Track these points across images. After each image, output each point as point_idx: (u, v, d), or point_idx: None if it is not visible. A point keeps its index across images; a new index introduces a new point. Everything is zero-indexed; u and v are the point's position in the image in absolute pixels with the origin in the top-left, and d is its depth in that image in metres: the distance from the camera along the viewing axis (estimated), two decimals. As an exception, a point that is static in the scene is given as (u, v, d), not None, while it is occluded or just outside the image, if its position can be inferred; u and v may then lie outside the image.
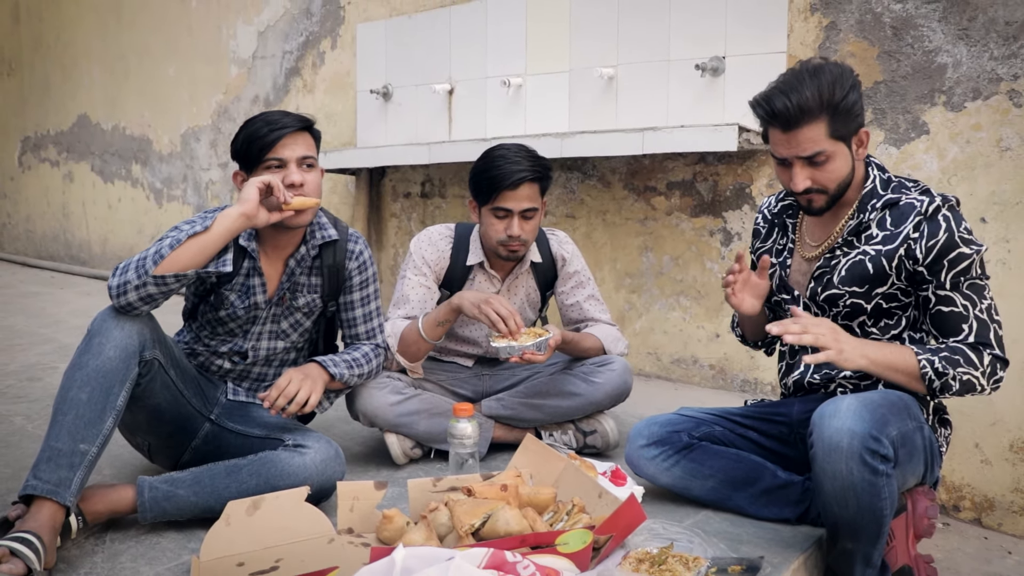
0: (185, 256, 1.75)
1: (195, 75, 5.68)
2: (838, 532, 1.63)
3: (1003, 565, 2.33)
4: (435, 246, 2.38)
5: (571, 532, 1.58)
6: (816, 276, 1.86)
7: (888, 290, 1.76)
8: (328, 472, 1.90)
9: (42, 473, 1.62)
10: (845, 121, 1.71)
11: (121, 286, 1.73)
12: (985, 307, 1.69)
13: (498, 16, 3.76)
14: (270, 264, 2.06)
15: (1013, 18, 2.40)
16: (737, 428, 2.00)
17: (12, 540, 1.49)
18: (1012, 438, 2.48)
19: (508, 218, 2.22)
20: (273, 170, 1.93)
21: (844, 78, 1.70)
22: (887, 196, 1.77)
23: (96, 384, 1.70)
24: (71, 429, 1.66)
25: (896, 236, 1.73)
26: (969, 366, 1.64)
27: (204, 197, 5.71)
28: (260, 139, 1.92)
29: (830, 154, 1.73)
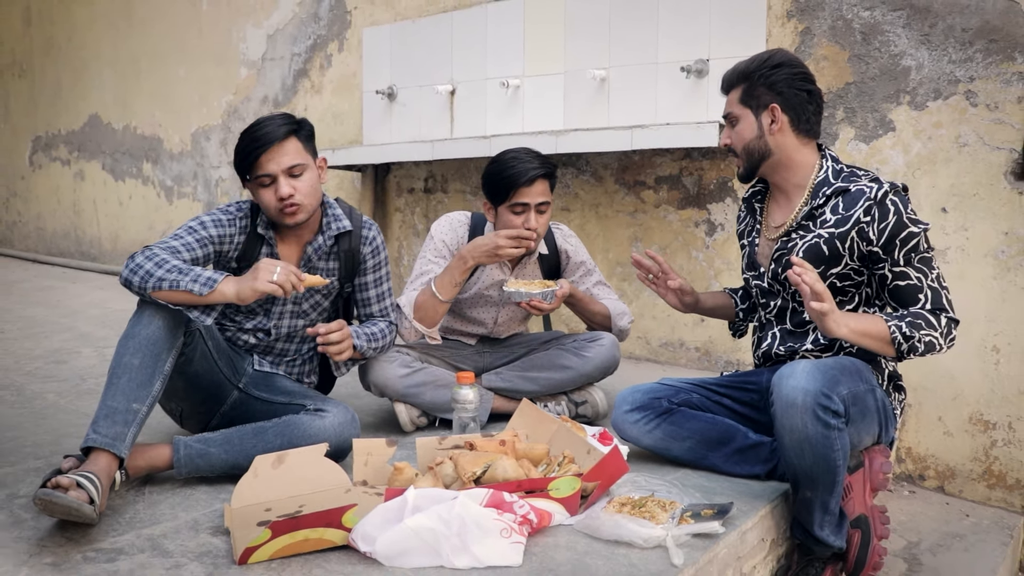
0: (178, 299, 1.93)
1: (205, 76, 5.89)
2: (798, 482, 1.84)
3: (961, 526, 2.55)
4: (455, 231, 2.59)
5: (562, 479, 1.79)
6: (775, 258, 2.07)
7: (842, 270, 1.97)
8: (344, 434, 2.10)
9: (100, 428, 1.81)
10: (754, 93, 2.00)
11: (126, 283, 1.94)
12: (935, 276, 1.90)
13: (497, 21, 3.98)
14: (287, 248, 2.27)
15: (969, 25, 2.62)
16: (712, 395, 2.21)
17: (78, 475, 1.69)
18: (971, 411, 2.69)
19: (525, 212, 2.41)
20: (266, 185, 2.11)
21: (774, 60, 1.99)
22: (837, 184, 1.98)
23: (147, 351, 1.90)
24: (125, 390, 1.86)
25: (848, 219, 1.93)
26: (930, 328, 1.84)
27: (214, 194, 5.92)
28: (246, 157, 2.10)
29: (737, 116, 2.04)
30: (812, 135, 2.04)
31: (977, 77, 2.61)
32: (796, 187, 2.06)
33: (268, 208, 2.15)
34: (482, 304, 2.64)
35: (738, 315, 2.34)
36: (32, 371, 3.31)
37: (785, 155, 2.03)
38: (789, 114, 1.99)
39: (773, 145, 2.02)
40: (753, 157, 2.04)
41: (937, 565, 2.29)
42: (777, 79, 1.97)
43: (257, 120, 2.14)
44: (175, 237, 2.08)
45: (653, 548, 1.68)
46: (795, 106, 1.99)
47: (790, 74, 1.97)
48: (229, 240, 2.19)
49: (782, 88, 1.98)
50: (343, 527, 1.64)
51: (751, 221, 2.22)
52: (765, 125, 2.01)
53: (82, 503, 1.63)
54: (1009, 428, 2.62)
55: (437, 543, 1.59)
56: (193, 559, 1.62)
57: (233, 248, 2.20)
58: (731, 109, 2.06)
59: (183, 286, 1.90)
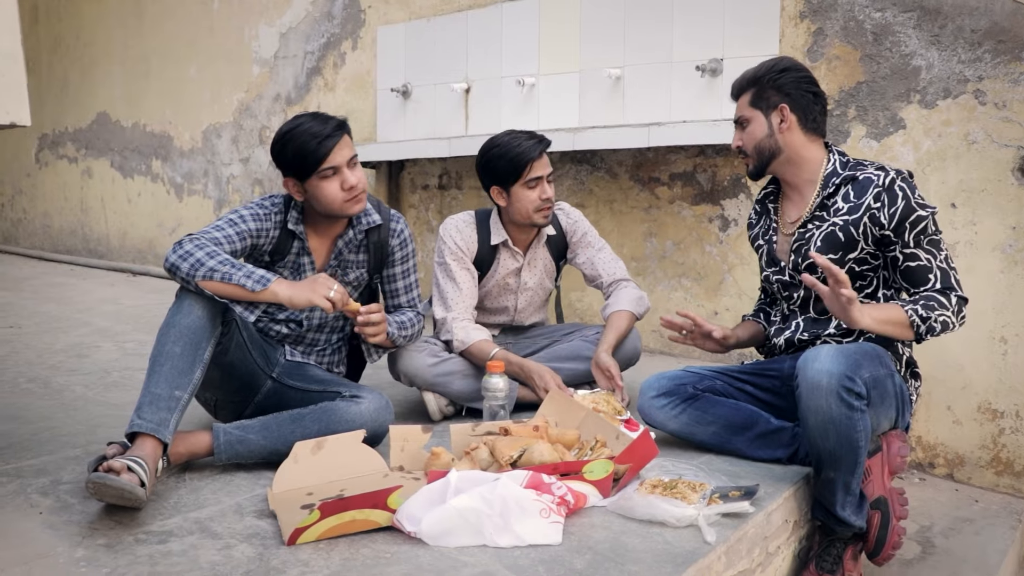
0: (226, 292, 1.98)
1: (217, 74, 5.95)
2: (821, 463, 1.91)
3: (970, 511, 2.62)
4: (463, 232, 2.67)
5: (595, 462, 1.86)
6: (795, 249, 2.16)
7: (859, 255, 2.06)
8: (380, 419, 2.17)
9: (145, 414, 1.87)
10: (763, 93, 2.12)
11: (173, 269, 1.98)
12: (943, 257, 2.00)
13: (512, 20, 4.05)
14: (319, 242, 2.33)
15: (978, 26, 2.69)
16: (735, 382, 2.29)
17: (128, 460, 1.75)
18: (980, 400, 2.77)
19: (539, 184, 2.53)
20: (329, 177, 2.15)
21: (781, 65, 2.12)
22: (845, 173, 2.09)
23: (187, 339, 1.96)
24: (167, 377, 1.92)
25: (859, 207, 2.03)
26: (942, 308, 1.93)
27: (225, 191, 5.98)
28: (312, 152, 2.12)
29: (748, 118, 2.16)
30: (819, 133, 2.16)
31: (986, 76, 2.69)
32: (807, 182, 2.16)
33: (333, 200, 2.18)
34: (502, 293, 2.73)
35: (768, 337, 2.41)
36: (55, 365, 3.37)
37: (794, 152, 2.13)
38: (797, 113, 2.11)
39: (783, 143, 2.13)
40: (764, 155, 2.16)
41: (949, 547, 2.37)
42: (785, 82, 2.10)
43: (300, 122, 2.17)
44: (217, 228, 2.14)
45: (686, 527, 1.75)
46: (803, 106, 2.11)
47: (797, 77, 2.10)
48: (266, 234, 2.25)
49: (790, 90, 2.10)
50: (388, 508, 1.71)
51: (767, 221, 2.30)
52: (775, 124, 2.12)
53: (134, 486, 1.69)
54: (1017, 416, 2.70)
55: (480, 522, 1.66)
56: (242, 540, 1.69)
57: (268, 242, 2.26)
58: (742, 112, 2.18)
59: (235, 280, 1.96)
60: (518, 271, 2.71)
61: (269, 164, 5.58)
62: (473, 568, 1.57)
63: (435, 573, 1.55)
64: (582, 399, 2.35)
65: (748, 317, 2.48)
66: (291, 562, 1.59)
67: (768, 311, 2.45)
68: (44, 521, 1.76)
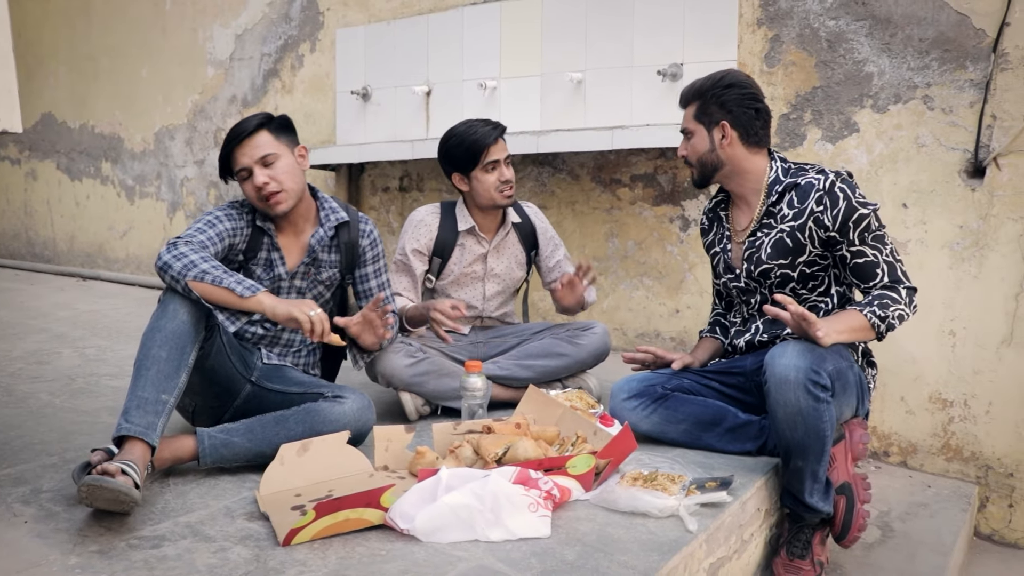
0: (214, 296, 2.01)
1: (170, 76, 5.87)
2: (790, 453, 2.00)
3: (924, 496, 2.76)
4: (423, 222, 2.76)
5: (578, 456, 1.93)
6: (747, 257, 2.26)
7: (808, 258, 2.17)
8: (363, 418, 2.20)
9: (133, 418, 1.88)
10: (707, 110, 2.21)
11: (165, 267, 2.01)
12: (889, 251, 2.11)
13: (474, 24, 4.09)
14: (287, 240, 2.39)
15: (925, 36, 2.83)
16: (702, 380, 2.38)
17: (120, 463, 1.76)
18: (931, 391, 2.91)
19: (498, 167, 2.64)
20: (247, 179, 2.26)
21: (726, 81, 2.19)
22: (787, 180, 2.19)
23: (173, 343, 1.97)
24: (154, 381, 1.93)
25: (803, 212, 2.14)
26: (895, 304, 2.04)
27: (179, 194, 5.91)
28: (225, 157, 2.27)
29: (692, 131, 2.26)
30: (761, 145, 2.26)
31: (933, 83, 2.83)
32: (752, 191, 2.27)
33: (253, 201, 2.29)
34: (467, 283, 2.78)
35: (726, 349, 2.51)
36: (16, 372, 3.32)
37: (736, 165, 2.24)
38: (738, 130, 2.20)
39: (724, 157, 2.23)
40: (706, 168, 2.26)
41: (907, 531, 2.49)
42: (728, 99, 2.18)
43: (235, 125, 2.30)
44: (200, 231, 2.18)
45: (667, 517, 1.83)
46: (744, 123, 2.20)
47: (739, 94, 2.19)
48: (240, 232, 2.31)
49: (732, 107, 2.19)
50: (381, 507, 1.75)
51: (719, 229, 2.40)
52: (716, 140, 2.22)
53: (130, 488, 1.70)
54: (965, 405, 2.84)
55: (471, 518, 1.72)
56: (236, 542, 1.71)
57: (242, 240, 2.32)
58: (687, 124, 2.28)
59: (226, 284, 1.99)
60: (484, 256, 2.77)
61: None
62: (468, 563, 1.62)
63: (431, 568, 1.59)
64: (556, 398, 2.42)
65: (705, 334, 2.56)
66: (288, 562, 1.62)
67: (724, 321, 2.55)
68: (31, 530, 1.76)
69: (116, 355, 3.66)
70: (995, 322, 2.77)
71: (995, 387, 2.79)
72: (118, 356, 3.64)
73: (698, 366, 2.43)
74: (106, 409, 2.75)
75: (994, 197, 2.74)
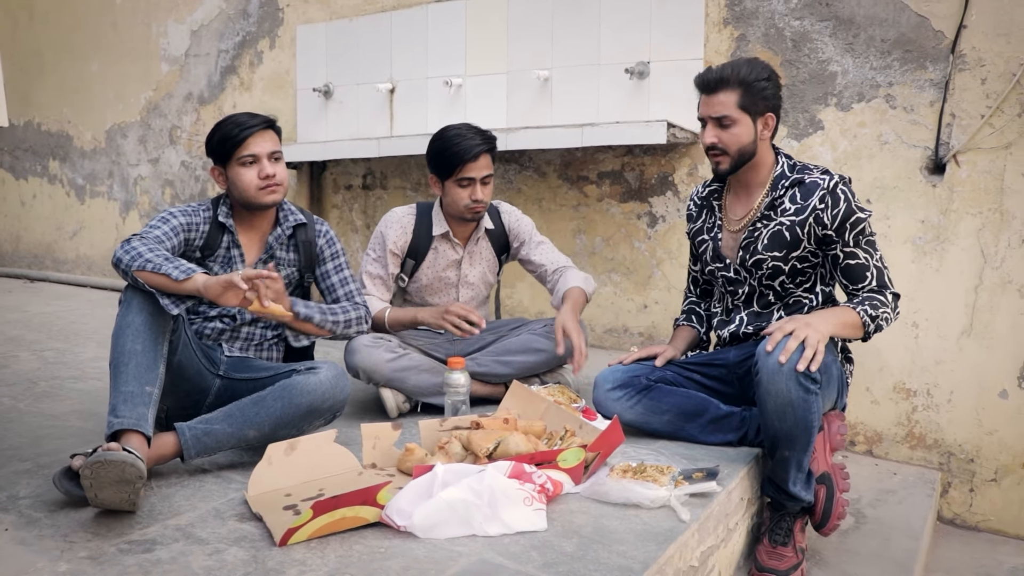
0: (154, 282, 2.01)
1: (122, 72, 5.73)
2: (777, 443, 2.05)
3: (891, 483, 2.85)
4: (399, 223, 2.74)
5: (569, 450, 1.95)
6: (743, 246, 2.29)
7: (801, 253, 2.21)
8: (339, 386, 2.18)
9: (122, 412, 1.86)
10: (753, 99, 2.17)
11: (117, 262, 2.04)
12: (879, 257, 2.18)
13: (438, 21, 4.09)
14: (247, 237, 2.39)
15: (887, 36, 2.92)
16: (684, 372, 2.41)
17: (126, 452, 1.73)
18: (895, 381, 3.00)
19: (471, 185, 2.59)
20: (248, 165, 2.26)
21: (764, 70, 2.19)
22: (793, 176, 2.23)
23: (147, 336, 1.97)
24: (135, 374, 1.92)
25: (806, 208, 2.18)
26: (883, 307, 2.13)
27: (132, 193, 5.78)
28: (232, 138, 2.25)
29: (735, 120, 2.18)
30: (774, 138, 2.29)
31: (895, 83, 2.91)
32: (758, 184, 2.29)
33: (248, 187, 2.28)
34: (441, 288, 2.77)
35: (702, 338, 2.55)
36: (-28, 377, 3.22)
37: (761, 157, 2.26)
38: (777, 123, 2.23)
39: (758, 148, 2.23)
40: (743, 157, 2.23)
41: (879, 516, 2.57)
42: (771, 91, 2.19)
43: (232, 115, 2.31)
44: (154, 227, 2.19)
45: (659, 508, 1.86)
46: (779, 116, 2.24)
47: (776, 87, 2.21)
48: (195, 228, 2.31)
49: (774, 100, 2.21)
50: (377, 504, 1.74)
51: (711, 218, 2.42)
52: (759, 131, 2.21)
53: (135, 458, 1.70)
54: (928, 394, 2.94)
55: (469, 513, 1.72)
56: (231, 544, 1.69)
57: (199, 236, 2.31)
58: (727, 112, 2.17)
59: (163, 270, 1.99)
60: (458, 263, 2.77)
61: (180, 165, 5.43)
62: (469, 558, 1.62)
63: (432, 564, 1.59)
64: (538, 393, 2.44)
65: (681, 322, 2.59)
66: (287, 562, 1.60)
67: (698, 309, 2.58)
68: (13, 538, 1.71)
69: (76, 358, 3.57)
70: (956, 314, 2.87)
71: (956, 376, 2.89)
72: (78, 359, 3.55)
73: (679, 356, 2.47)
74: (74, 413, 2.68)
75: (954, 193, 2.84)
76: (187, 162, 5.40)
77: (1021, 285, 2.76)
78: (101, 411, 2.69)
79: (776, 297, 2.29)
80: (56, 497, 1.90)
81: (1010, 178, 2.74)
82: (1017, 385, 2.79)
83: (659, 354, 2.43)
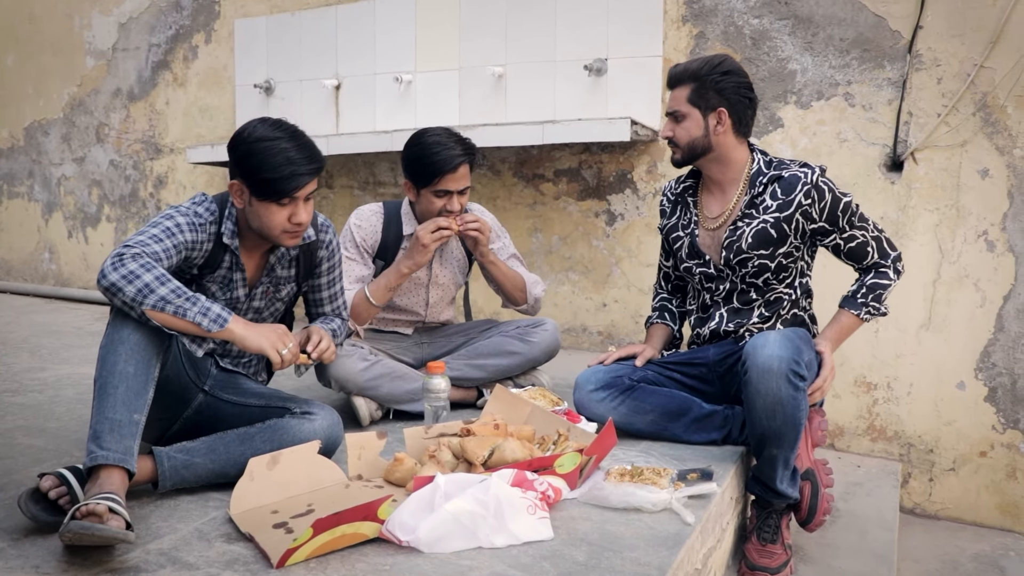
0: (176, 327, 1.82)
1: (42, 66, 5.43)
2: (765, 441, 2.04)
3: (856, 475, 2.90)
4: (368, 221, 2.64)
5: (566, 455, 1.91)
6: (726, 245, 2.28)
7: (787, 249, 2.22)
8: (334, 436, 2.08)
9: (107, 443, 1.70)
10: (704, 94, 2.20)
11: (113, 290, 1.77)
12: (872, 226, 2.24)
13: (386, 15, 3.99)
14: (249, 258, 2.18)
15: (845, 36, 2.97)
16: (664, 371, 2.40)
17: (107, 500, 1.60)
18: (856, 375, 3.06)
19: (448, 197, 2.50)
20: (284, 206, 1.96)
21: (724, 67, 2.20)
22: (771, 172, 2.24)
23: (140, 356, 1.80)
24: (124, 400, 1.75)
25: (790, 203, 2.19)
26: (885, 288, 2.24)
27: (55, 193, 5.48)
28: (279, 184, 1.93)
29: (684, 114, 2.22)
30: (746, 136, 2.29)
31: (854, 81, 2.97)
32: (731, 181, 2.29)
33: (275, 227, 2.02)
34: (410, 288, 2.69)
35: (676, 335, 2.55)
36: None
37: (724, 152, 2.26)
38: (733, 118, 2.22)
39: (715, 143, 2.23)
40: (695, 151, 2.25)
41: (851, 509, 2.61)
42: (726, 85, 2.19)
43: (285, 148, 1.95)
44: (155, 239, 1.91)
45: (660, 511, 1.83)
46: (739, 112, 2.22)
47: (737, 82, 2.20)
48: (199, 246, 2.06)
49: (730, 94, 2.20)
50: (377, 519, 1.67)
51: (686, 214, 2.41)
52: (711, 125, 2.22)
53: (124, 532, 1.55)
54: (888, 388, 3.01)
55: (475, 525, 1.66)
56: (223, 568, 1.59)
57: (201, 255, 2.08)
58: (679, 107, 2.24)
59: (190, 317, 1.80)
60: (428, 263, 2.69)
61: (109, 164, 5.18)
62: (480, 571, 1.57)
63: (442, 580, 1.54)
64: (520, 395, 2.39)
65: (654, 320, 2.57)
66: (288, 585, 1.52)
67: (670, 306, 2.57)
68: (-25, 570, 1.58)
69: (9, 369, 3.36)
70: (914, 308, 2.94)
71: (915, 369, 2.96)
72: (11, 370, 3.34)
73: (657, 356, 2.45)
74: (20, 429, 2.51)
75: (912, 190, 2.91)
76: (116, 161, 5.15)
77: (977, 279, 2.85)
78: (50, 426, 2.53)
79: (758, 293, 2.29)
80: (21, 523, 1.76)
81: (965, 175, 2.82)
82: (974, 376, 2.88)
83: (638, 354, 2.41)
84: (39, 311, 4.93)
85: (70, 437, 2.42)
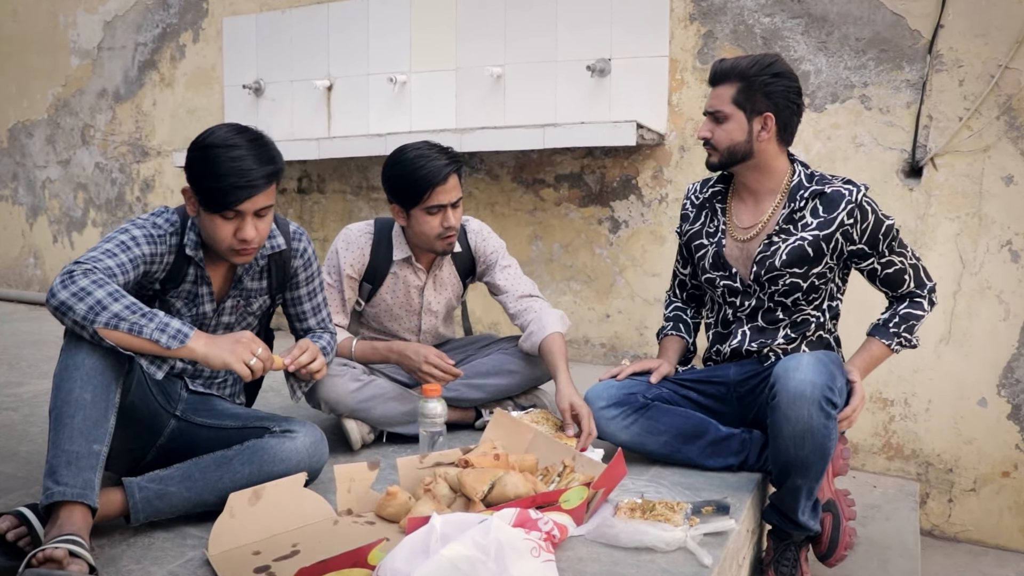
0: (132, 345, 1.67)
1: (26, 66, 5.27)
2: (790, 471, 1.90)
3: (872, 497, 2.76)
4: (356, 243, 2.46)
5: (572, 490, 1.77)
6: (758, 260, 2.11)
7: (821, 269, 2.07)
8: (317, 454, 1.94)
9: (64, 478, 1.56)
10: (751, 95, 2.01)
11: (63, 309, 1.63)
12: (910, 254, 2.12)
13: (380, 14, 3.85)
14: (215, 271, 2.03)
15: (862, 35, 2.83)
16: (680, 389, 2.24)
17: (66, 543, 1.46)
18: (872, 391, 2.92)
19: (442, 212, 2.31)
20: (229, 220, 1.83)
21: (775, 68, 2.01)
22: (812, 187, 2.07)
23: (97, 382, 1.66)
24: (82, 430, 1.62)
25: (831, 221, 2.03)
26: (918, 319, 2.13)
27: (40, 196, 5.32)
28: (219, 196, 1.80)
29: (727, 116, 2.04)
30: (789, 144, 2.12)
31: (871, 83, 2.83)
32: (768, 191, 2.12)
33: (220, 241, 1.87)
34: (401, 315, 2.53)
35: (690, 348, 2.40)
36: None
37: (764, 160, 2.08)
38: (779, 125, 2.04)
39: (756, 150, 2.06)
40: (735, 157, 2.07)
41: (870, 535, 2.47)
42: (775, 89, 2.00)
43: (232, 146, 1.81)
44: (108, 254, 1.77)
45: (674, 551, 1.69)
46: (785, 118, 2.05)
47: (787, 86, 2.02)
48: (159, 259, 1.91)
49: (779, 99, 2.02)
50: (368, 565, 1.53)
51: (713, 221, 2.24)
52: (755, 131, 2.04)
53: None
54: (905, 404, 2.87)
55: (474, 571, 1.52)
56: (198, 617, 1.46)
57: (161, 269, 1.93)
58: (721, 107, 2.05)
59: (147, 334, 1.64)
60: (420, 289, 2.52)
61: (95, 167, 5.02)
62: (480, 625, 1.43)
63: (440, 636, 1.39)
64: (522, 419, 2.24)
65: (668, 332, 2.40)
66: (269, 641, 1.38)
67: (685, 316, 2.41)
68: (-73, 622, 1.44)
69: (-14, 385, 3.21)
70: (933, 321, 2.80)
71: (934, 385, 2.83)
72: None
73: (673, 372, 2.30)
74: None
75: (931, 197, 2.77)
76: (102, 164, 4.99)
77: (1000, 291, 2.71)
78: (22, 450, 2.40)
79: (785, 313, 2.13)
80: (-20, 567, 1.62)
81: (988, 182, 2.69)
82: (996, 393, 2.74)
83: (653, 369, 2.26)
84: (22, 318, 4.78)
85: (43, 463, 2.27)
